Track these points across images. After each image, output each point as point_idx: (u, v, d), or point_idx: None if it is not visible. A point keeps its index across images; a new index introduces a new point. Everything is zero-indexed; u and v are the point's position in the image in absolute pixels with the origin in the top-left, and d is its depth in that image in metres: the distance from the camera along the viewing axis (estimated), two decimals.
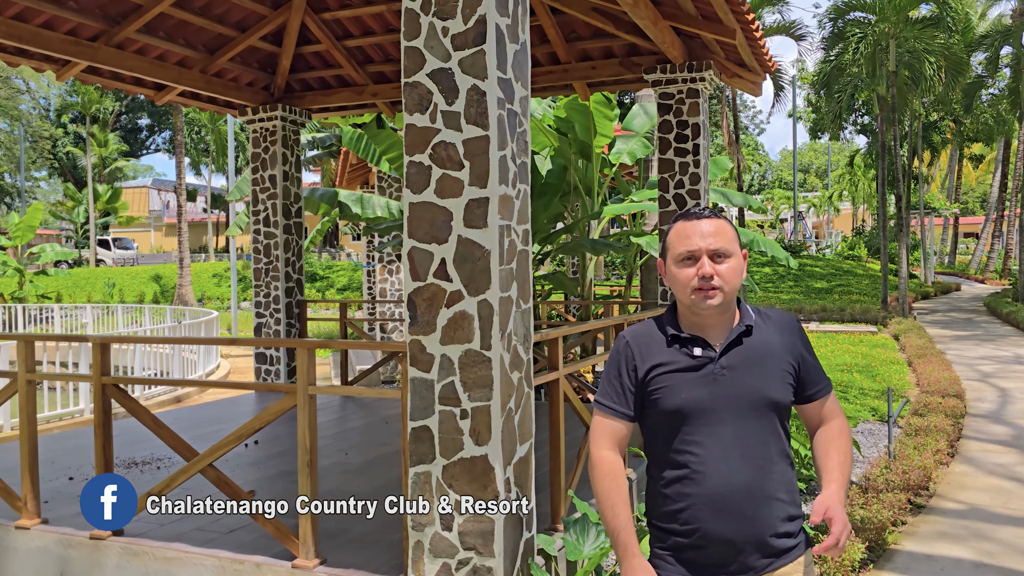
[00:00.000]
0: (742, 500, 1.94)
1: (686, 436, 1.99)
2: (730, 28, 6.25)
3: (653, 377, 2.02)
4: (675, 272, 2.02)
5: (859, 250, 37.02)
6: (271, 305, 8.59)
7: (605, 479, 2.03)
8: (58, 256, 27.40)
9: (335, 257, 40.17)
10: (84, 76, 7.54)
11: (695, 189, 7.21)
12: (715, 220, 2.03)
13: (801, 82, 41.83)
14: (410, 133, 3.30)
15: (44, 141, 49.02)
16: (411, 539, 3.34)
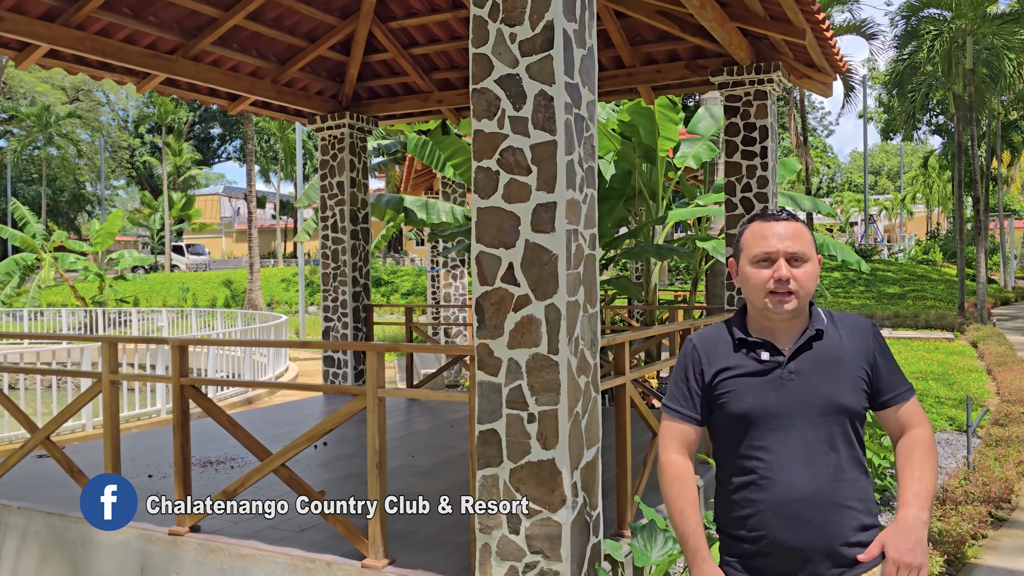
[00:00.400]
0: (810, 507, 1.91)
1: (753, 441, 1.97)
2: (799, 28, 6.13)
3: (719, 381, 2.01)
4: (749, 273, 2.00)
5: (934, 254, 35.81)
6: (339, 309, 8.76)
7: (674, 483, 2.03)
8: (136, 262, 28.42)
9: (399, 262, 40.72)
10: (162, 88, 7.81)
11: (763, 192, 7.09)
12: (793, 223, 2.00)
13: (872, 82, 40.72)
14: (478, 139, 3.33)
15: (123, 151, 50.98)
16: (478, 542, 3.36)
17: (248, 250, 29.38)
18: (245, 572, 3.89)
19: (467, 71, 8.48)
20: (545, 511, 3.23)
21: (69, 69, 7.09)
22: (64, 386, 10.30)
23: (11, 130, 46.42)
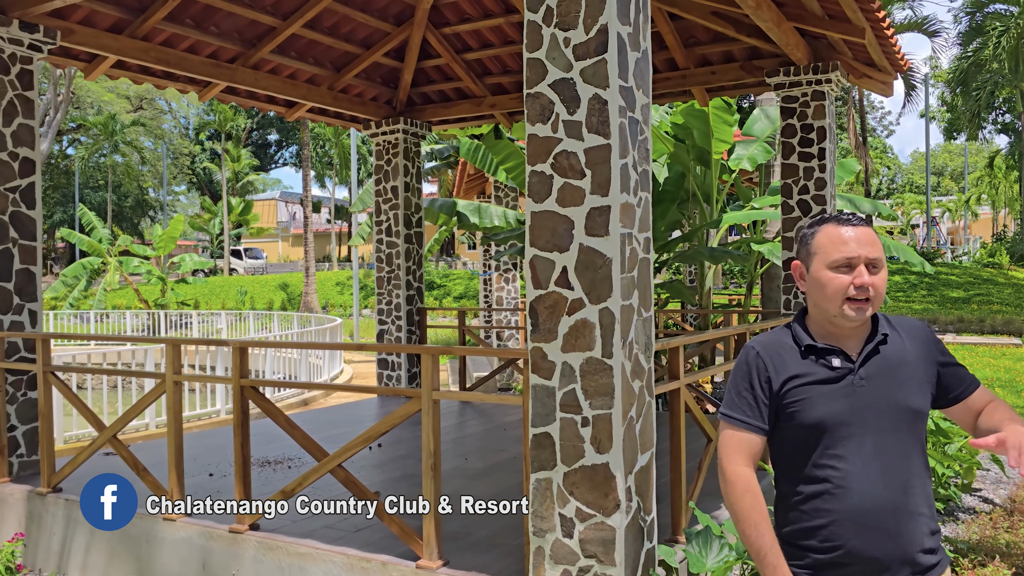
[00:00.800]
0: (887, 516, 1.89)
1: (826, 450, 1.92)
2: (859, 27, 6.01)
3: (789, 390, 1.96)
4: (827, 278, 1.95)
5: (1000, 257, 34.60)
6: (393, 312, 8.86)
7: (745, 496, 1.96)
8: (196, 265, 29.18)
9: (451, 266, 41.00)
10: (223, 96, 8.01)
11: (820, 195, 6.95)
12: (868, 228, 1.98)
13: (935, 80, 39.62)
14: (532, 143, 3.34)
15: (184, 157, 52.39)
16: (532, 545, 3.36)
17: (304, 254, 29.92)
18: (303, 570, 3.96)
19: (520, 75, 8.52)
20: (599, 515, 3.22)
21: (135, 79, 7.32)
22: (128, 386, 10.62)
23: (79, 139, 48.09)
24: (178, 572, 4.39)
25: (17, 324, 5.52)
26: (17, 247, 5.53)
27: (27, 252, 5.60)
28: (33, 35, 5.59)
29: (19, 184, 5.56)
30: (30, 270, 5.62)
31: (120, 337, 5.20)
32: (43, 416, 5.28)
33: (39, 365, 5.24)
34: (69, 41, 6.10)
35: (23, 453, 5.53)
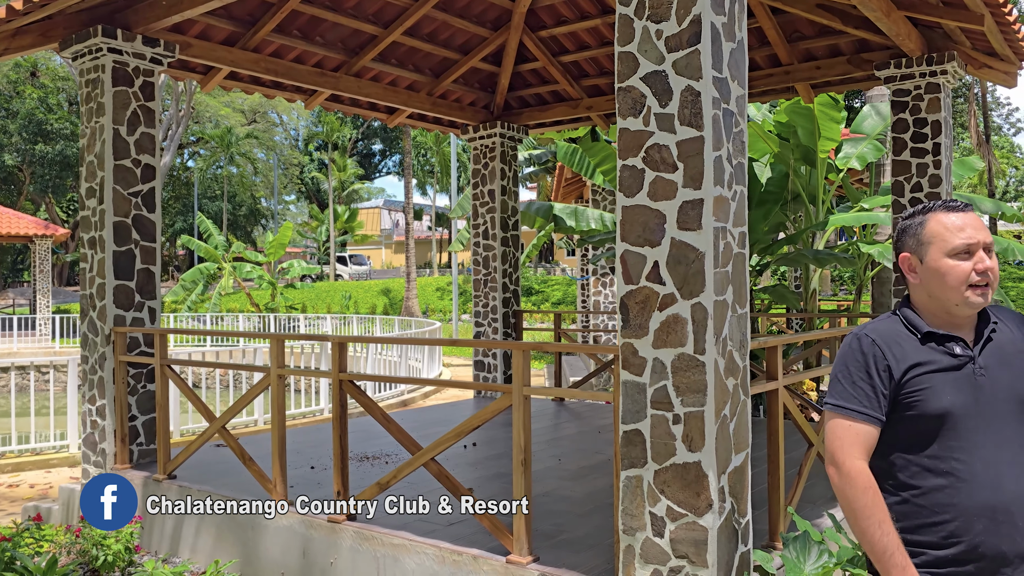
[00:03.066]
0: (1014, 510, 1.81)
1: (948, 441, 1.84)
2: (977, 14, 5.68)
3: (912, 378, 1.88)
4: (948, 267, 1.89)
5: None
6: (489, 315, 8.94)
7: (867, 492, 1.86)
8: (304, 271, 30.30)
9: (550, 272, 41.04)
10: (327, 104, 8.30)
11: (935, 192, 6.61)
12: (975, 213, 1.93)
13: None
14: (623, 137, 3.31)
15: (293, 168, 54.52)
16: (622, 543, 3.32)
17: (405, 260, 30.59)
18: (396, 561, 4.04)
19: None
20: (690, 515, 3.15)
21: (246, 89, 7.68)
22: (240, 385, 11.11)
23: (199, 151, 50.78)
24: (280, 558, 4.56)
25: (138, 320, 5.87)
26: (139, 248, 5.89)
27: (147, 253, 5.95)
28: (154, 49, 5.94)
29: (141, 189, 5.92)
30: (150, 269, 5.97)
31: (228, 332, 5.47)
32: (160, 407, 5.59)
33: (156, 359, 5.55)
34: (187, 54, 6.46)
35: (142, 442, 5.87)
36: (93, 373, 5.84)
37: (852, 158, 9.48)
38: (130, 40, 5.77)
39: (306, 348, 11.53)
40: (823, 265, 8.46)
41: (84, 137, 5.94)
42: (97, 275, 5.78)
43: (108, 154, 5.73)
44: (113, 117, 5.76)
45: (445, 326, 25.18)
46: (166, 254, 53.26)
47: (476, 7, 7.87)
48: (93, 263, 5.82)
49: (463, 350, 20.20)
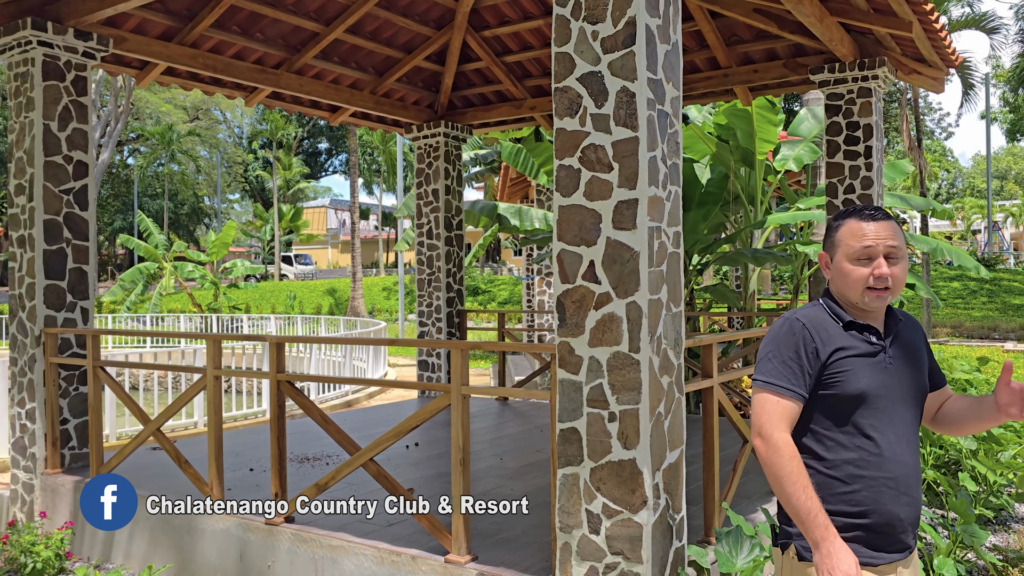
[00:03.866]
0: (912, 482, 2.07)
1: (863, 420, 2.05)
2: (905, 20, 5.87)
3: (836, 360, 2.06)
4: (849, 269, 2.10)
5: None
6: (433, 314, 8.92)
7: (793, 461, 2.02)
8: (248, 271, 29.78)
9: (497, 272, 41.10)
10: (268, 101, 8.18)
11: (867, 194, 6.80)
12: (889, 221, 2.11)
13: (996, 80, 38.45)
14: (560, 137, 3.34)
15: (237, 166, 53.57)
16: (559, 541, 3.35)
17: (351, 260, 30.30)
18: (335, 562, 4.00)
19: None
20: (626, 512, 3.19)
21: (184, 85, 7.51)
22: (180, 387, 10.87)
23: (139, 148, 49.54)
24: (216, 562, 4.48)
25: (70, 321, 5.71)
26: (71, 247, 5.72)
27: (80, 252, 5.78)
28: (87, 43, 5.78)
29: (73, 186, 5.76)
30: (83, 269, 5.81)
31: (162, 333, 5.34)
32: (93, 410, 5.44)
33: (89, 360, 5.41)
34: (121, 49, 6.30)
35: (74, 446, 5.70)
36: (23, 376, 5.66)
37: (789, 160, 9.69)
38: (61, 33, 5.61)
39: (248, 349, 11.34)
40: (761, 264, 8.63)
41: (13, 133, 5.75)
42: (27, 274, 5.61)
43: (38, 150, 5.57)
44: (43, 112, 5.59)
45: (391, 326, 25.03)
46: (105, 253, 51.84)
47: (419, 6, 7.84)
48: (22, 262, 5.64)
49: (408, 350, 20.09)
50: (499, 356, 9.38)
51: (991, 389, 7.96)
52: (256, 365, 11.09)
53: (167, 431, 6.74)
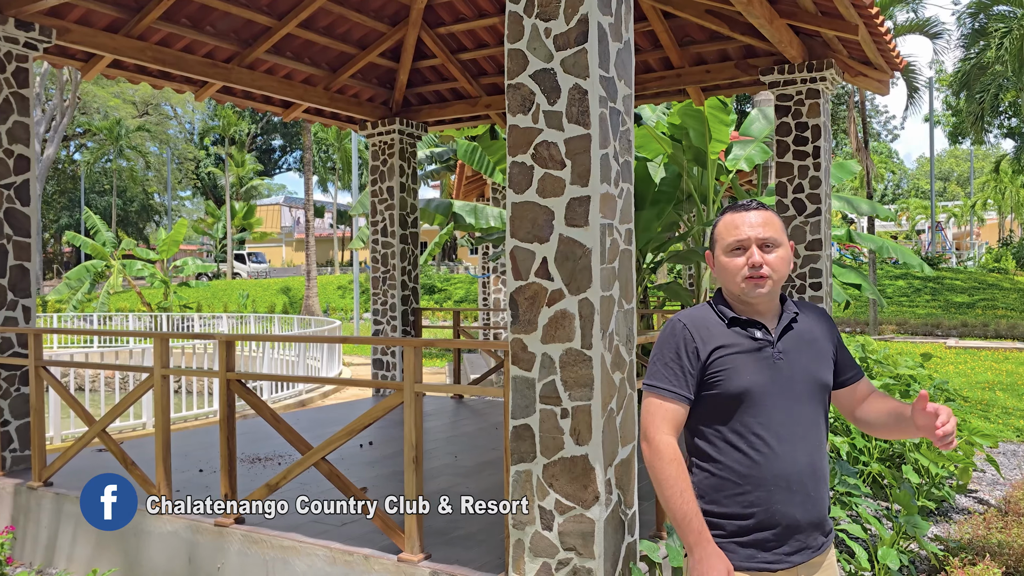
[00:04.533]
0: (806, 480, 2.01)
1: (748, 418, 2.00)
2: (852, 24, 5.99)
3: (716, 359, 2.03)
4: (725, 262, 2.08)
5: (1006, 262, 34.47)
6: (388, 312, 8.86)
7: (672, 465, 1.99)
8: (199, 269, 29.28)
9: (453, 270, 41.02)
10: (219, 96, 8.03)
11: (815, 193, 6.93)
12: (763, 211, 2.09)
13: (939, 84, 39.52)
14: (513, 134, 3.34)
15: (188, 163, 52.56)
16: (512, 538, 3.35)
17: (306, 258, 29.96)
18: (286, 564, 3.95)
19: None
20: (578, 507, 3.20)
21: (131, 79, 7.34)
22: (126, 387, 10.63)
23: (85, 143, 48.30)
24: (165, 566, 4.39)
25: (11, 320, 5.54)
26: (11, 243, 5.55)
27: (21, 248, 5.62)
28: (28, 33, 5.62)
29: (14, 181, 5.59)
30: (24, 266, 5.64)
31: (109, 332, 5.21)
32: (35, 411, 5.29)
33: (31, 360, 5.25)
34: (65, 40, 6.13)
35: (16, 448, 5.54)
36: None
37: (741, 160, 9.84)
38: (1, 23, 5.44)
39: (199, 348, 11.13)
40: None
41: None
42: None
43: None
44: None
45: (346, 325, 24.81)
46: (50, 251, 50.47)
47: (373, 2, 7.78)
48: None
49: (364, 349, 19.94)
50: (454, 354, 9.36)
51: (933, 384, 8.18)
52: (208, 365, 10.90)
53: (114, 433, 6.58)
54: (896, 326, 19.59)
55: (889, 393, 6.93)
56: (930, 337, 18.16)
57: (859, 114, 19.09)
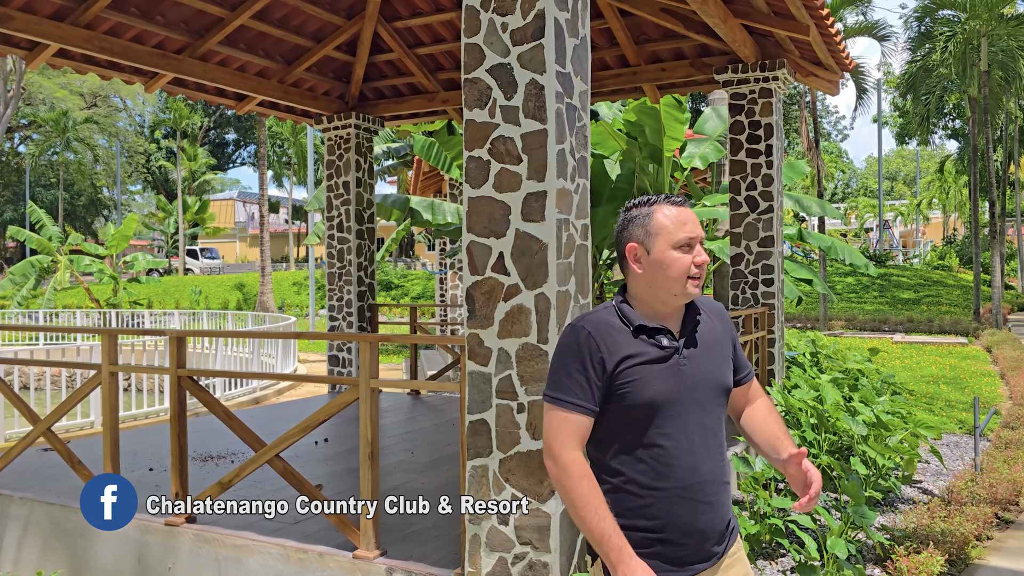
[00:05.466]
0: (709, 489, 1.95)
1: (654, 429, 1.92)
2: (804, 24, 6.11)
3: (624, 370, 1.92)
4: (674, 258, 1.94)
5: (950, 260, 35.50)
6: (344, 308, 8.78)
7: (583, 481, 1.89)
8: (150, 265, 28.71)
9: (410, 266, 40.83)
10: (170, 87, 7.87)
11: (768, 191, 7.05)
12: (692, 210, 2.03)
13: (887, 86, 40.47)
14: (469, 128, 3.33)
15: (139, 156, 51.40)
16: (468, 532, 3.35)
17: (260, 254, 29.55)
18: (239, 563, 3.90)
19: None
20: (534, 502, 3.21)
21: (78, 69, 7.15)
22: (74, 386, 10.38)
23: (31, 135, 46.95)
24: (113, 566, 4.30)
25: None
26: None
27: None
28: None
29: None
30: None
31: (54, 328, 5.08)
32: None
33: None
34: (9, 28, 5.96)
35: None
36: None
37: (695, 157, 9.96)
38: None
39: (150, 345, 10.91)
40: None
41: None
42: None
43: None
44: None
45: (302, 321, 24.53)
46: None
47: None
48: None
49: (319, 345, 19.74)
50: (411, 350, 9.32)
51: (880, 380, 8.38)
52: (159, 362, 10.69)
53: (60, 432, 6.42)
54: (845, 322, 20.03)
55: (838, 387, 7.07)
56: (877, 333, 18.60)
57: (810, 114, 19.46)
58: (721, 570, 1.99)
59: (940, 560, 4.23)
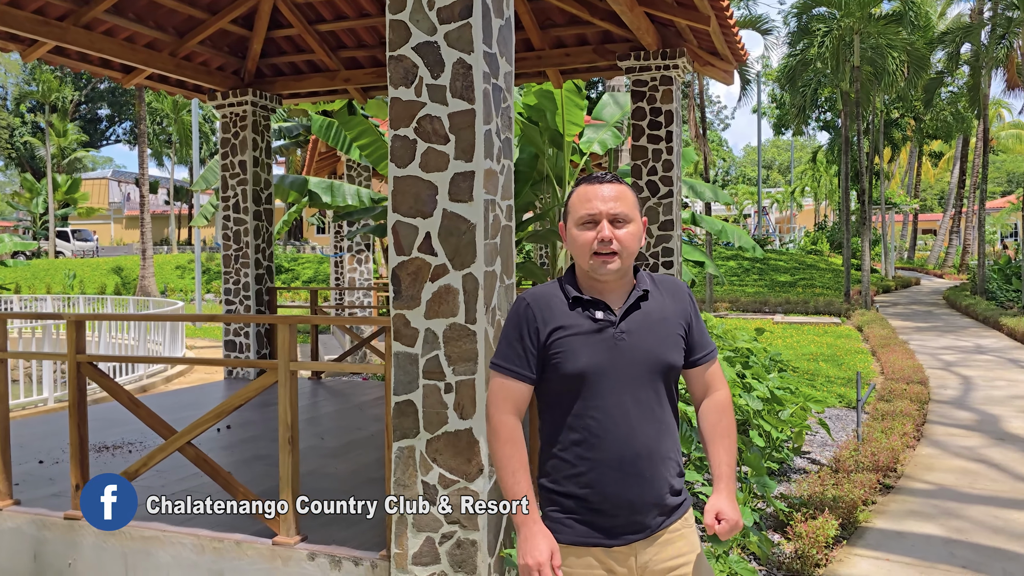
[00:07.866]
0: (641, 462, 1.98)
1: (586, 400, 1.98)
2: (705, 15, 6.31)
3: (555, 340, 2.00)
4: (576, 235, 2.02)
5: (821, 245, 37.60)
6: (241, 292, 8.50)
7: (507, 445, 1.99)
8: (16, 247, 26.85)
9: (300, 250, 39.80)
10: (51, 57, 7.37)
11: (668, 176, 7.27)
12: (617, 185, 2.04)
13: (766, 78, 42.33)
14: (395, 107, 3.29)
15: (1, 130, 47.81)
16: (394, 514, 3.33)
17: (140, 236, 28.12)
18: (148, 555, 3.74)
19: (375, 50, 8.36)
20: (462, 480, 3.23)
21: None
22: None
23: None
24: (7, 565, 4.03)
25: None
26: None
27: None
28: None
29: None
30: None
31: None
32: None
33: None
34: None
35: None
36: None
37: (594, 143, 10.14)
38: None
39: (26, 331, 10.23)
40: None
41: None
42: None
43: None
44: None
45: (188, 306, 23.54)
46: None
47: None
48: None
49: (208, 331, 19.01)
50: (311, 334, 9.12)
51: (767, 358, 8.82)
52: (36, 348, 10.04)
53: None
54: (729, 303, 20.92)
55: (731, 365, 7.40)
56: (759, 314, 19.53)
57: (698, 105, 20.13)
58: (658, 544, 2.03)
59: (834, 523, 4.52)
